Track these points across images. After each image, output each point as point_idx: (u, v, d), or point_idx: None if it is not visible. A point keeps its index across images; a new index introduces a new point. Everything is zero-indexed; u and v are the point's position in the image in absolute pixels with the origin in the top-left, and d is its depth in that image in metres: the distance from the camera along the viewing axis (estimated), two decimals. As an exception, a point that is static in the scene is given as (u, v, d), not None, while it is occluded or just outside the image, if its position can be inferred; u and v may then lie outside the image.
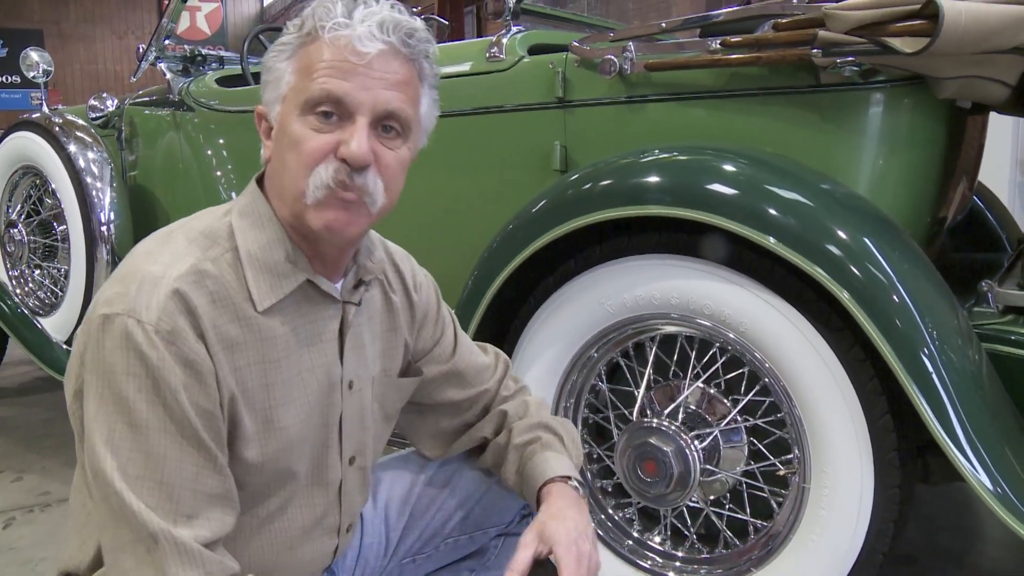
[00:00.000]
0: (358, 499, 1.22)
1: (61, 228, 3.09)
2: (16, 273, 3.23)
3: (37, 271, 3.22)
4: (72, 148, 2.90)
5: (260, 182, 1.08)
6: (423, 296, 1.28)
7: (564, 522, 1.14)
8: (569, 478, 1.23)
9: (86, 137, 2.95)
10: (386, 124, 1.01)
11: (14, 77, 14.02)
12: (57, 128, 2.95)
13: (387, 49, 0.99)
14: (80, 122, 3.02)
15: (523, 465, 1.26)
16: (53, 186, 2.99)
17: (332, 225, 1.00)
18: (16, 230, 3.19)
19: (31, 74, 3.23)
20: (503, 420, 1.33)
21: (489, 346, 1.42)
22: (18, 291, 3.20)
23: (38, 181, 3.16)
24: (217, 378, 0.96)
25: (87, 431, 0.94)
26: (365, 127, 0.98)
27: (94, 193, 2.84)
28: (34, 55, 3.22)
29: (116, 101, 3.08)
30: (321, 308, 1.08)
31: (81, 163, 2.87)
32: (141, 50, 2.89)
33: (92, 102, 3.08)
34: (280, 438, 1.05)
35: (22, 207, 3.24)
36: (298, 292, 1.05)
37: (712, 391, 1.67)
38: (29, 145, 3.04)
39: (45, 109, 3.16)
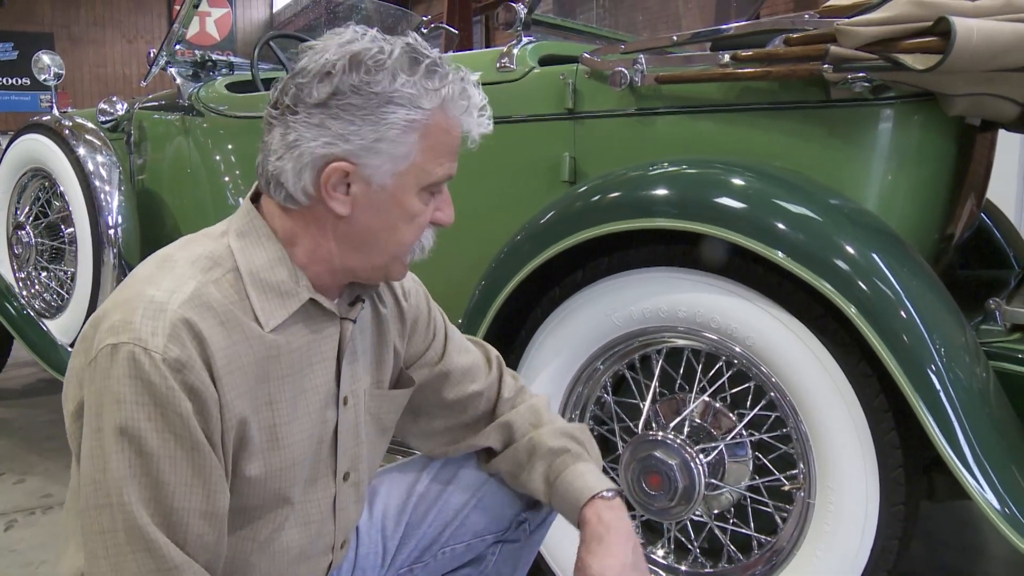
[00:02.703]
0: (352, 515, 1.22)
1: (69, 231, 3.10)
2: (23, 275, 3.24)
3: (44, 273, 3.23)
4: (81, 151, 2.91)
5: (254, 201, 1.08)
6: (412, 302, 1.30)
7: (610, 559, 1.14)
8: (609, 492, 1.22)
9: (95, 140, 2.96)
10: None
11: (24, 79, 14.07)
12: (67, 131, 2.96)
13: None
14: (90, 125, 3.03)
15: (555, 476, 1.26)
16: (61, 189, 3.00)
17: (402, 274, 1.13)
18: (24, 232, 3.20)
19: (42, 77, 3.24)
20: (510, 431, 1.32)
21: (481, 342, 1.42)
22: (24, 293, 3.21)
23: (47, 183, 3.17)
24: (221, 406, 0.96)
25: (88, 459, 0.93)
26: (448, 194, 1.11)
27: (102, 196, 2.85)
28: (46, 58, 3.23)
29: (126, 105, 3.09)
30: (322, 326, 1.09)
31: (90, 166, 2.88)
32: (152, 55, 2.90)
33: (102, 106, 3.09)
34: (284, 456, 1.05)
35: (30, 209, 3.25)
36: (302, 311, 1.05)
37: (718, 405, 1.67)
38: (38, 147, 3.06)
39: (55, 112, 3.17)
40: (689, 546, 1.73)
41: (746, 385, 1.62)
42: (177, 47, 2.89)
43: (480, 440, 1.34)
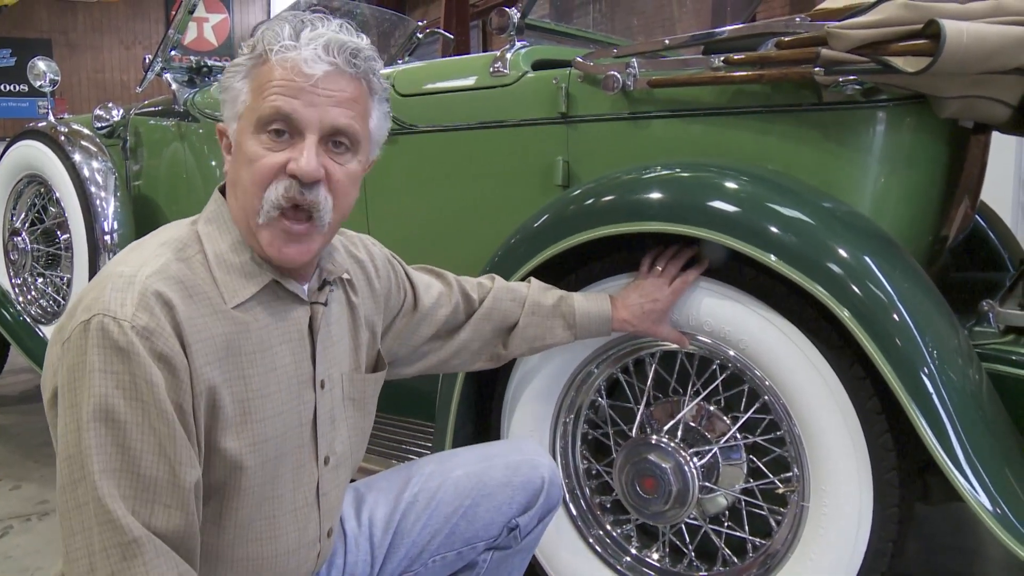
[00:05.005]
0: (335, 501, 1.24)
1: (64, 237, 3.10)
2: (19, 281, 3.24)
3: (40, 279, 3.23)
4: (77, 157, 2.92)
5: (223, 191, 1.14)
6: (383, 278, 1.36)
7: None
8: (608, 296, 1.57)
9: (91, 146, 2.96)
10: (335, 140, 1.07)
11: (21, 86, 14.08)
12: (62, 137, 2.97)
13: (333, 70, 1.05)
14: (85, 131, 3.03)
15: (572, 321, 1.53)
16: (57, 195, 3.00)
17: (285, 258, 1.07)
18: (20, 238, 3.20)
19: (38, 83, 3.25)
20: (502, 315, 1.53)
21: (432, 269, 1.54)
22: (20, 299, 3.21)
23: (43, 190, 3.18)
24: (191, 373, 0.98)
25: (63, 436, 0.95)
26: (314, 144, 1.04)
27: (98, 202, 2.85)
28: (41, 64, 3.24)
29: (122, 111, 3.10)
30: (290, 308, 1.13)
31: (86, 172, 2.89)
32: (147, 61, 2.91)
33: (98, 112, 3.10)
34: (257, 431, 1.07)
35: (26, 215, 3.25)
36: (266, 292, 1.09)
37: (712, 408, 1.67)
38: (34, 154, 3.06)
39: (51, 118, 3.17)
40: (684, 549, 1.73)
41: (740, 388, 1.62)
42: (173, 53, 2.89)
43: (488, 344, 1.55)
